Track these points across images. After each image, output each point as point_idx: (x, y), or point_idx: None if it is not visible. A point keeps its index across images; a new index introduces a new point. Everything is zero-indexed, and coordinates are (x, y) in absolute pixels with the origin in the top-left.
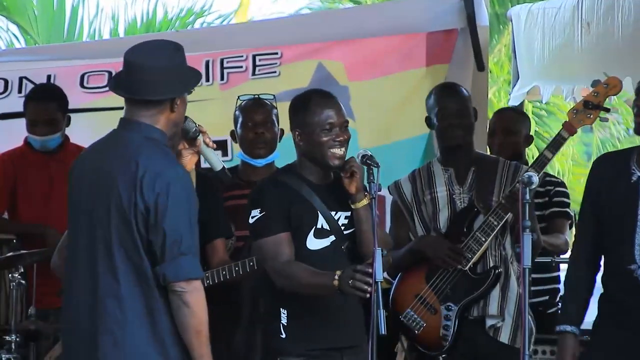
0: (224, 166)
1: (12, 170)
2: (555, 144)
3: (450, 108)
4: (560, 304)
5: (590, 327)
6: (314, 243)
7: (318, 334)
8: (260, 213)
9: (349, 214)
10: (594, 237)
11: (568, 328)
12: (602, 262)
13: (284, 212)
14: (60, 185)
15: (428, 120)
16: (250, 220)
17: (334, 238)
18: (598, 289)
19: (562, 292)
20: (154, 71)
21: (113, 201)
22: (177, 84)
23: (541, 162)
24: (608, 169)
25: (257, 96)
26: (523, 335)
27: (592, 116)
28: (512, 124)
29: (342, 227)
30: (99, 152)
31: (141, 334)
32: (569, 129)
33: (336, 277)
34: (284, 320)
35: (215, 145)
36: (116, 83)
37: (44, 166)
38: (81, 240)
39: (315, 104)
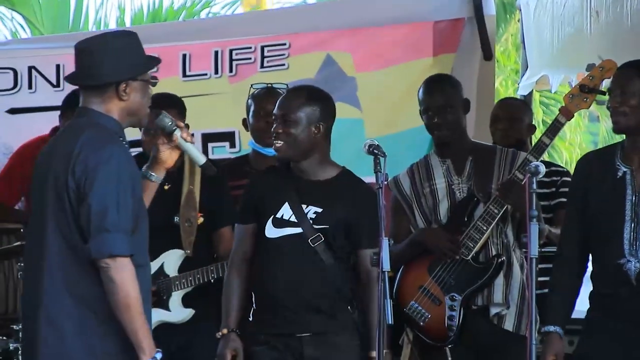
0: (207, 159)
1: (29, 163)
2: (553, 130)
3: (432, 107)
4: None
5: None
6: (272, 231)
7: (277, 320)
8: (240, 200)
9: (320, 210)
10: (580, 237)
11: (552, 328)
12: (589, 262)
13: (253, 203)
14: None
15: (421, 115)
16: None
17: (301, 230)
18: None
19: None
20: (92, 56)
21: (50, 181)
22: (118, 69)
23: (539, 148)
24: (593, 167)
25: (270, 85)
26: (530, 325)
27: (588, 100)
28: (515, 112)
29: (311, 221)
30: (54, 140)
31: (73, 311)
32: (566, 113)
33: (225, 330)
34: (254, 304)
35: (193, 140)
36: (70, 73)
37: None
38: (33, 221)
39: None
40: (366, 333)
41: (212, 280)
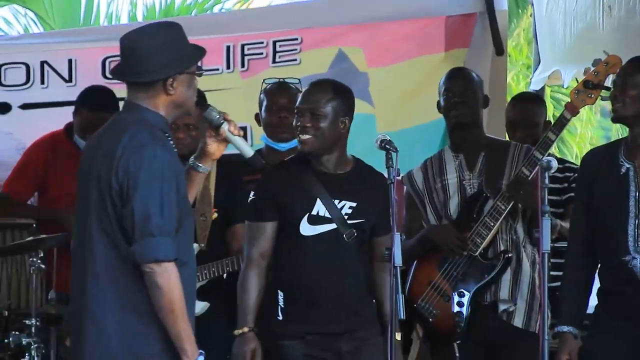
0: (255, 152)
1: (42, 159)
2: (559, 125)
3: (454, 89)
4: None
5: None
6: (307, 229)
7: (314, 318)
8: (254, 196)
9: (354, 204)
10: (587, 231)
11: (565, 329)
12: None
13: (272, 200)
14: None
15: (438, 105)
16: (249, 200)
17: (335, 226)
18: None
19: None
20: (139, 52)
21: (93, 179)
22: (165, 65)
23: (545, 143)
24: (598, 163)
25: (282, 80)
26: (542, 320)
27: (593, 96)
28: (532, 116)
29: (346, 216)
30: (99, 133)
31: (116, 312)
32: (572, 109)
33: (246, 329)
34: (281, 303)
35: (241, 133)
36: (114, 68)
37: (74, 154)
38: (78, 219)
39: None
40: (382, 326)
41: (226, 273)
